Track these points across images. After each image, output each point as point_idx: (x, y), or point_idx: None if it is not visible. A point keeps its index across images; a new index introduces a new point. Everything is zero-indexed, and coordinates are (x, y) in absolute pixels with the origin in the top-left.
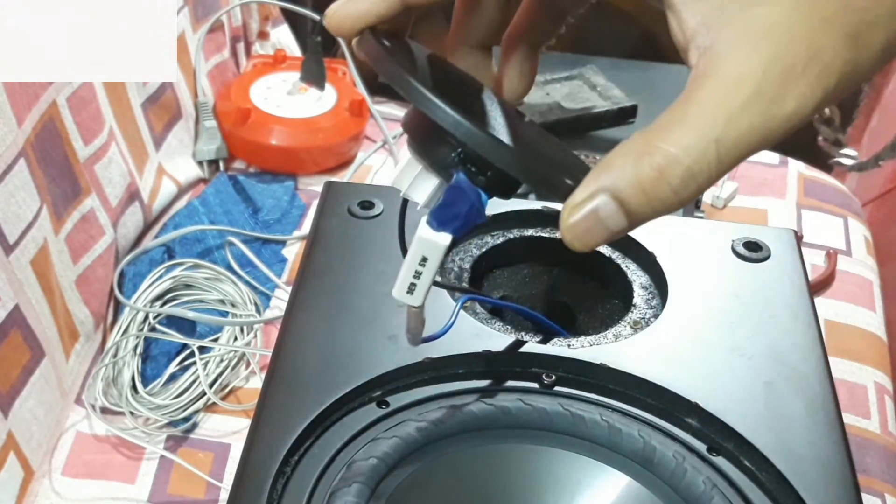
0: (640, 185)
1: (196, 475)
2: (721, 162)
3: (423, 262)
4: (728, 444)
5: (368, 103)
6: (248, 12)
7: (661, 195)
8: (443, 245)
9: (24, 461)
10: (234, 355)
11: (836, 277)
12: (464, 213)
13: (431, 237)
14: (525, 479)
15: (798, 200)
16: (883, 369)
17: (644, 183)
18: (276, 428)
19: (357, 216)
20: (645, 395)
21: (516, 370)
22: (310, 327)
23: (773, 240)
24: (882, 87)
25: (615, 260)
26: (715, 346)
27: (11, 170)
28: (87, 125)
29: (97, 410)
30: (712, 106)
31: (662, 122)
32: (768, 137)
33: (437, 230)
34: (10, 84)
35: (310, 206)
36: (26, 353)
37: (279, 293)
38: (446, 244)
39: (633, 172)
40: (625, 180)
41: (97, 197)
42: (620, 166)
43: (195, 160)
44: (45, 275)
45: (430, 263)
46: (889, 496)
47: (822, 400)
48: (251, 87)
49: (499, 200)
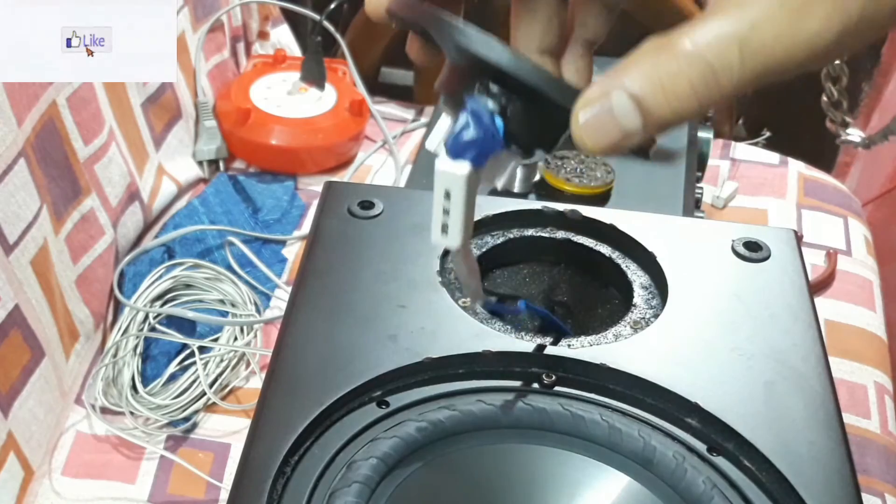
0: (659, 80)
1: (196, 475)
2: (744, 66)
3: (447, 196)
4: (728, 444)
5: (368, 103)
6: (248, 12)
7: (679, 92)
8: (461, 175)
9: (24, 461)
10: (234, 355)
11: (836, 277)
12: (479, 138)
13: (449, 168)
14: (525, 479)
15: (798, 200)
16: (883, 369)
17: (662, 78)
18: (276, 428)
19: (357, 216)
20: (645, 395)
21: (516, 370)
22: (310, 327)
23: (773, 240)
24: (882, 87)
25: (615, 260)
26: (715, 346)
27: (11, 170)
28: (87, 125)
29: (97, 410)
30: (737, 10)
31: (686, 24)
32: (791, 56)
33: (454, 160)
34: (10, 84)
35: (310, 206)
36: (26, 353)
37: (279, 293)
38: (465, 174)
39: (651, 67)
40: (642, 75)
41: (97, 197)
42: (637, 62)
43: (195, 160)
44: (45, 275)
45: (455, 198)
46: (889, 496)
47: (822, 400)
48: (251, 87)
49: (499, 201)
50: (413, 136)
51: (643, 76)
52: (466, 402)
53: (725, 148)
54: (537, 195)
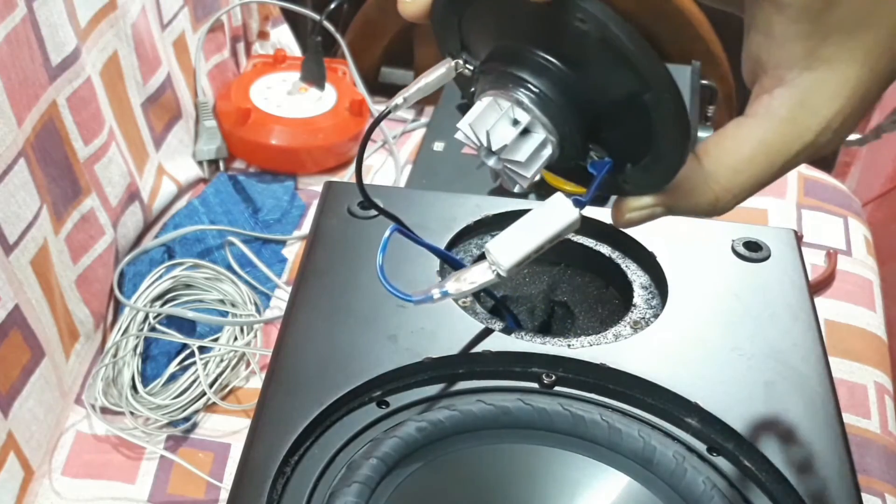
0: (693, 208)
1: (196, 475)
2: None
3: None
4: (728, 444)
5: (368, 103)
6: (248, 12)
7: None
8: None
9: (24, 461)
10: (234, 355)
11: (836, 277)
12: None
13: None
14: (525, 479)
15: (798, 200)
16: (883, 369)
17: (697, 211)
18: (276, 428)
19: (357, 216)
20: (645, 395)
21: (516, 370)
22: (310, 327)
23: (773, 240)
24: None
25: (615, 260)
26: (715, 346)
27: (11, 170)
28: (87, 125)
29: (97, 410)
30: (777, 150)
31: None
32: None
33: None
34: (10, 84)
35: (310, 206)
36: (26, 353)
37: (279, 293)
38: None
39: (691, 204)
40: (683, 206)
41: (97, 197)
42: (683, 197)
43: (195, 160)
44: (45, 275)
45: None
46: (889, 496)
47: (822, 400)
48: (251, 87)
49: (499, 201)
50: (413, 136)
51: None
52: (466, 402)
53: None
54: (537, 195)
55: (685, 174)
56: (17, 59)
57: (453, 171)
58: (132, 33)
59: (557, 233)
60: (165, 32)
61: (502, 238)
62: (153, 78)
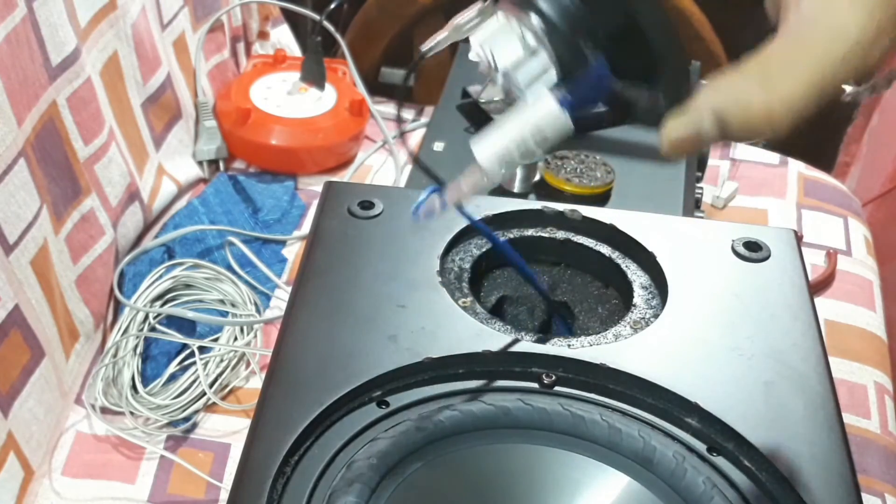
0: (747, 120)
1: (196, 475)
2: (819, 102)
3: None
4: (728, 444)
5: (368, 103)
6: (248, 12)
7: (760, 129)
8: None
9: (24, 461)
10: (234, 355)
11: (836, 277)
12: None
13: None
14: (525, 479)
15: (798, 200)
16: (883, 369)
17: (751, 119)
18: (276, 428)
19: (357, 216)
20: (645, 395)
21: (516, 370)
22: (310, 327)
23: (773, 240)
24: None
25: (615, 260)
26: (715, 346)
27: (11, 170)
28: (87, 125)
29: (97, 410)
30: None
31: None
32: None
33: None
34: (10, 84)
35: (310, 206)
36: (26, 353)
37: (279, 293)
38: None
39: (742, 108)
40: (733, 110)
41: (97, 197)
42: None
43: (195, 160)
44: (45, 275)
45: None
46: (889, 496)
47: (822, 400)
48: (251, 87)
49: (499, 201)
50: (413, 136)
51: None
52: (466, 402)
53: (725, 148)
54: (537, 195)
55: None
56: (17, 59)
57: (453, 171)
58: (132, 33)
59: (536, 125)
60: (165, 32)
61: (484, 135)
62: (153, 78)
